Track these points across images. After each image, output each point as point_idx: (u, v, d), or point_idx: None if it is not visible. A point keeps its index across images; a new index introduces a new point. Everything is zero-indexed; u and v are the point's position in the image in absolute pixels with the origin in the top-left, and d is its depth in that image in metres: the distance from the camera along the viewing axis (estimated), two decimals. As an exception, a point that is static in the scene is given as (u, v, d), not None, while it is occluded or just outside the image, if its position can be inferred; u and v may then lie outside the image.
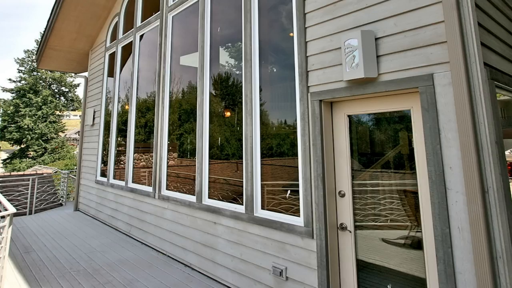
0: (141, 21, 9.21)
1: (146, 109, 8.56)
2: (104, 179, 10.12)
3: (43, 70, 44.69)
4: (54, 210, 12.20)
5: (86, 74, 12.91)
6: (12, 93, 45.51)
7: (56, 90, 48.43)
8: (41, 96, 44.51)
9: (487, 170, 2.98)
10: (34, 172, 15.33)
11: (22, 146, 44.42)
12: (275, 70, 5.42)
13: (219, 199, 5.94)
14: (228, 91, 6.21)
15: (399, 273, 3.79)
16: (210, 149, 6.25)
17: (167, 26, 7.87)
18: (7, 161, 44.60)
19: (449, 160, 3.19)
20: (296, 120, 4.71)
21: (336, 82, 4.18)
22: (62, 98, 49.31)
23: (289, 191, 4.90)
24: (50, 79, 47.12)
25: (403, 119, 3.83)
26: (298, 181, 4.59)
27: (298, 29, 4.72)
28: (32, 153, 43.70)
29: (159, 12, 8.23)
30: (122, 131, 9.68)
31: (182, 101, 7.33)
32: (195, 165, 6.39)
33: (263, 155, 5.26)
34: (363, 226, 4.09)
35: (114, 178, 9.66)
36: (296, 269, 4.45)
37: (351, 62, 3.84)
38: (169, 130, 7.48)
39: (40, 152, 43.52)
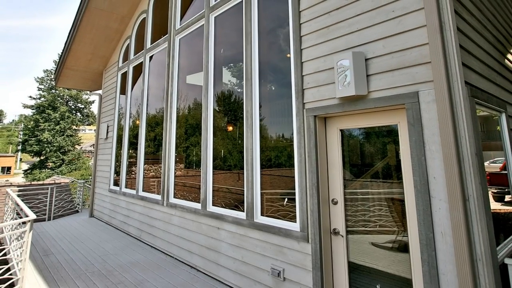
0: (151, 43, 9.27)
1: (155, 123, 8.57)
2: (117, 188, 10.11)
3: (61, 88, 44.83)
4: (71, 217, 12.16)
5: (100, 92, 12.94)
6: (33, 109, 45.73)
7: (72, 107, 48.57)
8: (59, 112, 44.65)
9: (468, 180, 2.98)
10: (53, 182, 15.34)
11: (42, 157, 44.44)
12: (273, 88, 5.44)
13: (222, 206, 5.93)
14: (230, 107, 6.23)
15: (387, 274, 3.77)
16: (214, 160, 6.26)
17: (175, 48, 7.93)
18: (28, 171, 44.60)
19: (433, 170, 3.20)
20: (292, 134, 4.72)
21: (330, 99, 4.20)
22: (78, 114, 49.46)
23: (286, 199, 4.89)
24: (67, 96, 47.29)
25: (391, 133, 3.83)
26: (294, 190, 4.60)
27: (294, 50, 4.76)
28: (50, 164, 43.68)
29: (167, 35, 8.29)
30: (133, 144, 9.68)
31: (188, 116, 7.35)
32: (200, 175, 6.39)
33: (262, 166, 5.26)
34: (354, 231, 4.08)
35: (126, 187, 9.63)
36: (292, 270, 4.42)
37: (343, 80, 3.86)
38: (176, 143, 7.49)
39: (58, 163, 43.51)
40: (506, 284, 3.37)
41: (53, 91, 46.25)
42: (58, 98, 46.31)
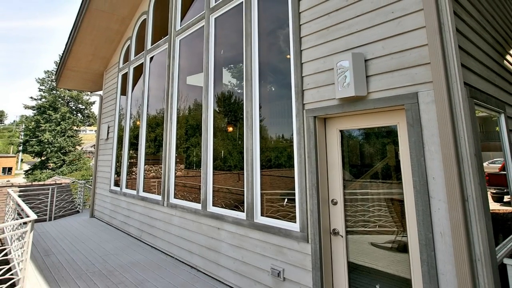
0: (151, 44, 9.27)
1: (156, 124, 8.57)
2: (117, 188, 10.11)
3: (62, 89, 44.88)
4: (71, 217, 12.15)
5: (101, 92, 12.96)
6: (34, 110, 45.71)
7: (73, 107, 48.55)
8: (60, 113, 44.65)
9: (467, 180, 2.98)
10: (54, 182, 15.35)
11: (43, 158, 44.40)
12: (273, 89, 5.44)
13: (222, 207, 5.93)
14: (230, 108, 6.23)
15: (386, 274, 3.77)
16: (214, 161, 6.25)
17: (175, 49, 7.93)
18: (29, 172, 44.54)
19: (432, 171, 3.19)
20: (292, 135, 4.72)
21: (329, 100, 4.20)
22: (79, 114, 49.43)
23: (286, 199, 4.89)
24: (68, 97, 47.30)
25: (390, 133, 3.83)
26: (294, 190, 4.59)
27: (294, 51, 4.76)
28: (51, 164, 43.67)
29: (167, 36, 8.30)
30: (133, 145, 9.68)
31: (188, 117, 7.35)
32: (200, 176, 6.39)
33: (262, 167, 5.25)
34: (354, 231, 4.08)
35: (127, 187, 9.63)
36: (292, 270, 4.42)
37: (343, 81, 3.85)
38: (176, 144, 7.49)
39: (59, 164, 43.50)
40: (505, 284, 3.37)
41: (54, 92, 46.24)
42: (59, 99, 46.29)
